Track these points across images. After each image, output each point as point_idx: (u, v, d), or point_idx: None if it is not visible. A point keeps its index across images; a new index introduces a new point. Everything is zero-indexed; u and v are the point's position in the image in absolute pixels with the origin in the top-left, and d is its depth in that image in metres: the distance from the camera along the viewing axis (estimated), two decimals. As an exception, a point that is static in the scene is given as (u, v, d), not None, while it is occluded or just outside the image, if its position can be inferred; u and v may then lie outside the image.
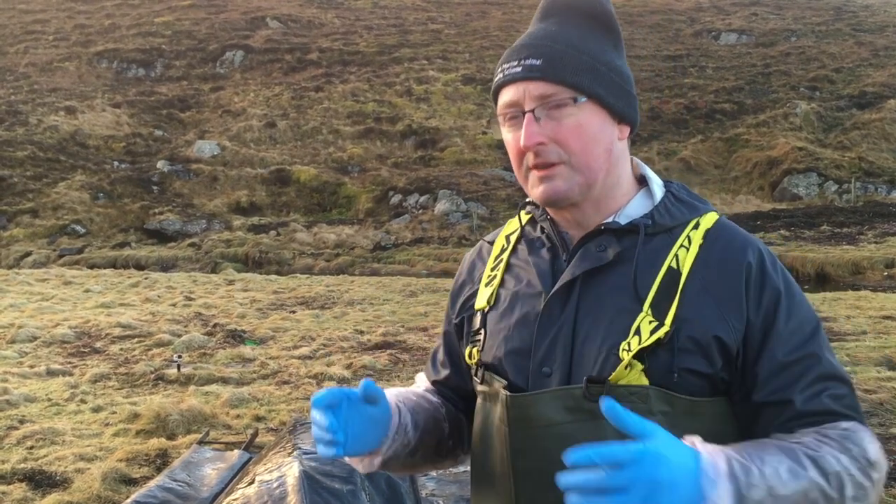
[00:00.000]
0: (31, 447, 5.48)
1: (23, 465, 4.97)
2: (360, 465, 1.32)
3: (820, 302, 11.98)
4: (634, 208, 1.26)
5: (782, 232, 21.86)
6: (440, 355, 1.48)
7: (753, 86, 39.29)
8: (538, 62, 1.20)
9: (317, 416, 1.17)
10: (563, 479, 0.94)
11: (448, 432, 1.42)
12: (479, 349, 1.32)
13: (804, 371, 1.15)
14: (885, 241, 19.70)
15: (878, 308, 11.31)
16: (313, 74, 44.56)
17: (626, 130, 1.26)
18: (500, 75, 1.24)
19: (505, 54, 1.26)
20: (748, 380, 1.17)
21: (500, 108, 1.25)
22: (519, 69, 1.21)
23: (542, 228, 1.32)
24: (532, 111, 1.20)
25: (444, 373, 1.46)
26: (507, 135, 1.26)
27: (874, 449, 1.12)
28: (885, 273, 16.89)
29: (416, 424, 1.33)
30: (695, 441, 1.02)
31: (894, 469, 4.63)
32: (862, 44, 42.92)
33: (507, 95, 1.23)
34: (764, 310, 1.16)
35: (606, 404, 0.96)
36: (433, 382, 1.48)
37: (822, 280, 16.85)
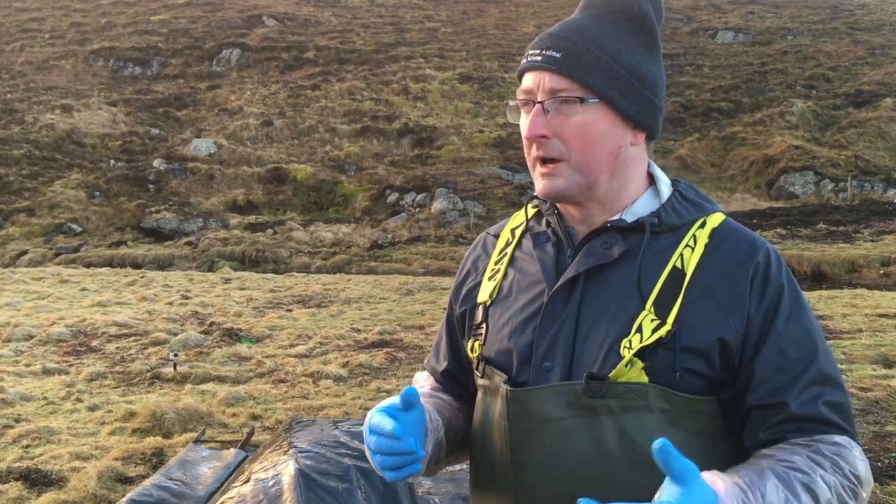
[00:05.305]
0: (27, 446, 5.47)
1: (18, 464, 4.96)
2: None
3: (816, 300, 11.99)
4: (641, 206, 1.26)
5: (778, 230, 21.86)
6: (443, 346, 1.47)
7: (750, 84, 39.32)
8: (558, 55, 1.21)
9: (388, 441, 1.14)
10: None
11: (465, 426, 1.41)
12: (481, 343, 1.31)
13: (801, 373, 1.14)
14: (881, 240, 19.71)
15: (874, 306, 11.33)
16: (310, 73, 44.50)
17: (641, 136, 1.25)
18: (525, 60, 1.25)
19: (535, 39, 1.27)
20: (742, 378, 1.16)
21: (518, 93, 1.27)
22: (539, 58, 1.22)
23: (548, 223, 1.32)
24: (542, 103, 1.21)
25: (448, 364, 1.45)
26: (521, 120, 1.27)
27: (864, 467, 1.13)
28: (881, 271, 16.90)
29: (442, 423, 1.33)
30: (716, 481, 1.02)
31: (890, 467, 4.64)
32: (858, 42, 42.96)
33: (525, 81, 1.24)
34: (764, 308, 1.16)
35: (660, 445, 0.95)
36: (441, 373, 1.46)
37: (818, 278, 16.85)
